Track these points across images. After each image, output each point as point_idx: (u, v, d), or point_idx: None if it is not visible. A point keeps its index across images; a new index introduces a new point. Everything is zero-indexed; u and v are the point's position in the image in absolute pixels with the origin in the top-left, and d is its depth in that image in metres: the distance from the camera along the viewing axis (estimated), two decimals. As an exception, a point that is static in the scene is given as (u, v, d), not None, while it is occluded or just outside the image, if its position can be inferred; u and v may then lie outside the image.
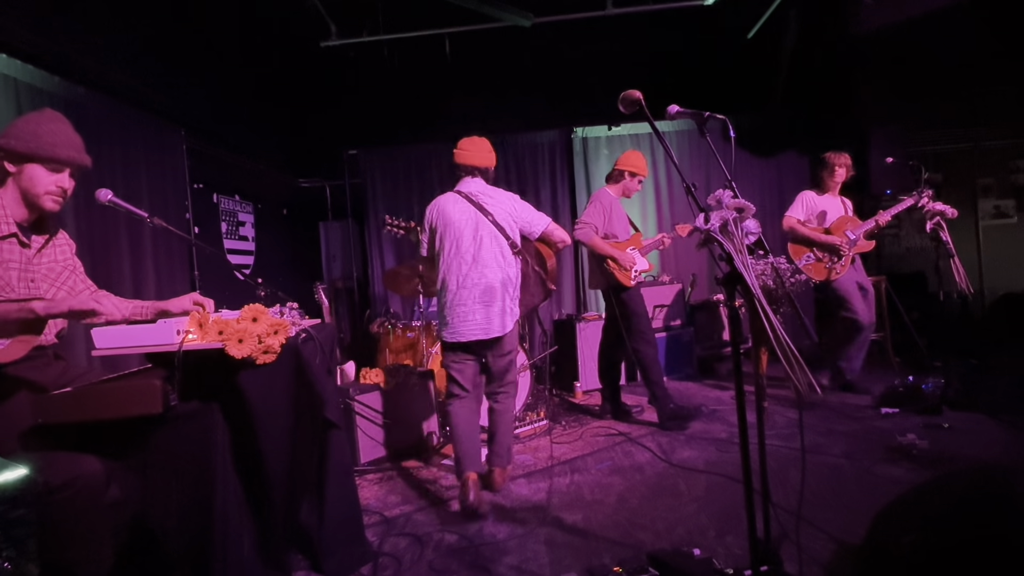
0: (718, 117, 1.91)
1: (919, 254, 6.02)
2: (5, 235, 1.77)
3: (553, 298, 6.05)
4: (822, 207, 4.22)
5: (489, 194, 2.88)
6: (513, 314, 2.82)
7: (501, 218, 2.82)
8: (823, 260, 4.09)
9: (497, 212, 2.82)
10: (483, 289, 2.74)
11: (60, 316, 1.69)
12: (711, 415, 3.93)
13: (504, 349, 2.84)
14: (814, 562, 1.99)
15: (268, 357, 1.75)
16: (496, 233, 2.80)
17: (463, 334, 2.76)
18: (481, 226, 2.79)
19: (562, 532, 2.42)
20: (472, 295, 2.74)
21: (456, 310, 2.76)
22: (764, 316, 1.63)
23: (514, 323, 2.83)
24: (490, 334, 2.76)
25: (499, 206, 2.85)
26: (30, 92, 3.02)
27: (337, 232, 6.49)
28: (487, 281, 2.74)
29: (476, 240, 2.77)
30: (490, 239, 2.79)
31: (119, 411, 1.57)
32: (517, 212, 2.91)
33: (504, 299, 2.77)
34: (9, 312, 1.63)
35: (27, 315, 1.63)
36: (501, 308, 2.76)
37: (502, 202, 2.87)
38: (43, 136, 1.78)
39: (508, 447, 2.91)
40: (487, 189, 2.90)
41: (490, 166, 2.96)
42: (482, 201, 2.82)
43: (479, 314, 2.74)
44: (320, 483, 2.12)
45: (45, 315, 1.65)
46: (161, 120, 4.07)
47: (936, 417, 3.44)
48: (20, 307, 1.63)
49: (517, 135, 6.10)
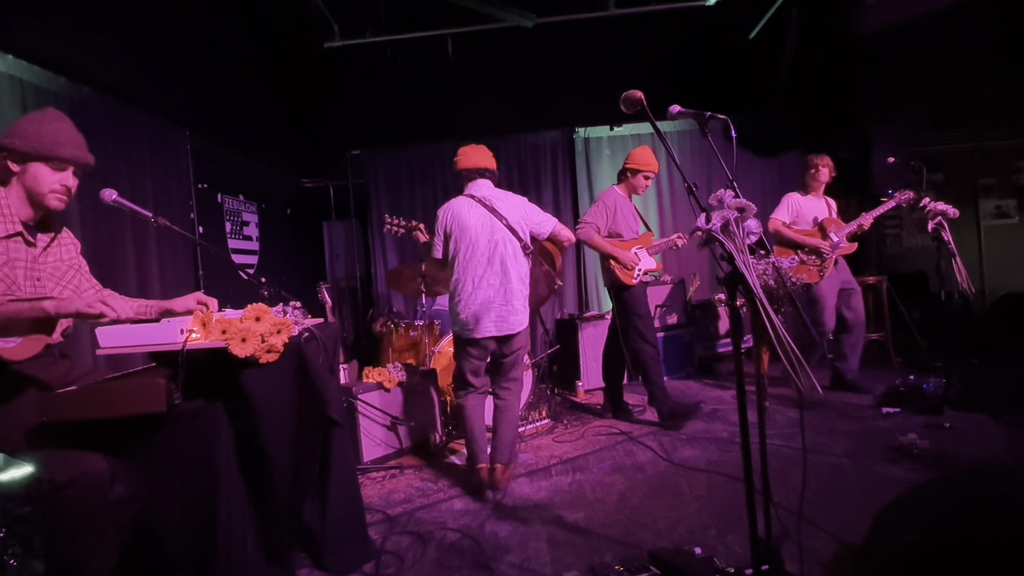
0: (720, 117, 1.92)
1: (920, 254, 6.02)
2: (11, 234, 1.78)
3: (555, 297, 6.06)
4: (807, 208, 4.24)
5: (501, 198, 2.99)
6: (526, 312, 2.96)
7: (514, 221, 2.95)
8: (808, 262, 4.11)
9: (511, 216, 2.94)
10: (497, 289, 2.88)
11: (70, 316, 1.71)
12: (712, 415, 3.94)
13: (515, 345, 2.96)
14: (815, 561, 2.00)
15: (271, 356, 1.76)
16: (510, 236, 2.93)
17: (478, 331, 2.88)
18: (496, 230, 2.91)
19: (564, 531, 2.43)
20: (487, 295, 2.88)
21: (472, 309, 2.88)
22: (765, 316, 1.63)
23: (526, 322, 2.97)
24: (503, 331, 2.89)
25: (512, 210, 2.97)
26: (35, 92, 3.03)
27: (340, 232, 6.51)
28: (501, 281, 2.89)
29: (491, 243, 2.90)
30: (504, 242, 2.91)
31: (123, 409, 1.58)
32: (528, 215, 3.03)
33: (519, 298, 2.92)
34: (21, 311, 1.65)
35: (38, 314, 1.66)
36: (515, 307, 2.90)
37: (515, 206, 3.00)
38: (46, 135, 1.80)
39: (511, 444, 2.96)
40: (498, 193, 3.01)
41: (495, 168, 3.08)
42: (495, 205, 2.93)
43: (494, 312, 2.87)
44: (323, 481, 2.14)
45: (56, 314, 1.67)
46: (165, 120, 4.09)
47: (937, 417, 3.44)
48: (32, 306, 1.65)
49: (519, 135, 6.11)
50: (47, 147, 1.79)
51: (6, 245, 1.77)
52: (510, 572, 2.13)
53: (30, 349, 1.72)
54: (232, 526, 1.74)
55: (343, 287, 6.40)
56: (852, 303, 4.15)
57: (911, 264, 6.04)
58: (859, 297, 4.18)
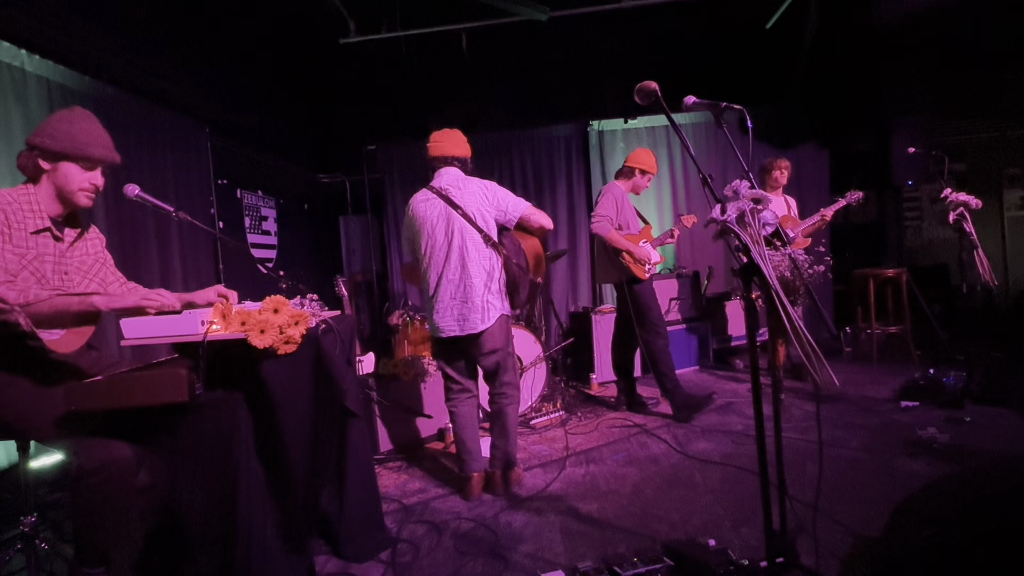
0: (735, 107, 1.90)
1: (941, 246, 5.91)
2: (40, 229, 1.83)
3: (569, 291, 6.06)
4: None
5: (458, 186, 2.73)
6: (496, 309, 2.72)
7: (471, 210, 2.69)
8: None
9: (466, 204, 2.70)
10: (457, 285, 2.70)
11: (126, 312, 1.77)
12: (727, 408, 3.92)
13: (486, 347, 2.73)
14: (831, 554, 1.98)
15: (289, 347, 1.79)
16: (467, 227, 2.69)
17: (443, 330, 2.75)
18: (452, 221, 2.70)
19: (577, 521, 2.44)
20: (448, 291, 2.72)
21: (436, 307, 2.75)
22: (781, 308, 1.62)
23: (497, 319, 2.72)
24: (466, 330, 2.70)
25: (468, 197, 2.71)
26: (62, 92, 3.11)
27: (357, 226, 6.57)
28: (461, 277, 2.69)
29: (448, 236, 2.70)
30: (461, 234, 2.69)
31: (147, 399, 1.62)
32: (489, 201, 2.74)
33: (482, 295, 2.69)
34: (71, 305, 1.71)
35: (87, 308, 1.72)
36: (475, 304, 2.68)
37: (471, 192, 2.72)
38: (77, 135, 1.84)
39: (508, 453, 2.81)
40: (457, 181, 2.76)
41: (466, 155, 2.84)
42: (451, 195, 2.71)
43: (456, 310, 2.71)
44: (340, 470, 2.17)
45: (108, 310, 1.74)
46: (186, 118, 4.16)
47: (958, 411, 3.39)
48: (81, 300, 1.71)
49: (533, 129, 6.10)
50: (78, 147, 1.84)
51: (35, 240, 1.83)
52: (524, 562, 2.15)
53: (75, 343, 1.79)
54: (252, 513, 1.77)
55: (359, 281, 6.46)
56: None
57: (932, 257, 5.94)
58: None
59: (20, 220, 1.80)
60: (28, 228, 1.81)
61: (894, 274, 4.80)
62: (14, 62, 2.88)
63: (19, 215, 1.80)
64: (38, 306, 1.65)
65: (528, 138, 6.10)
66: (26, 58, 2.94)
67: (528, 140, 6.10)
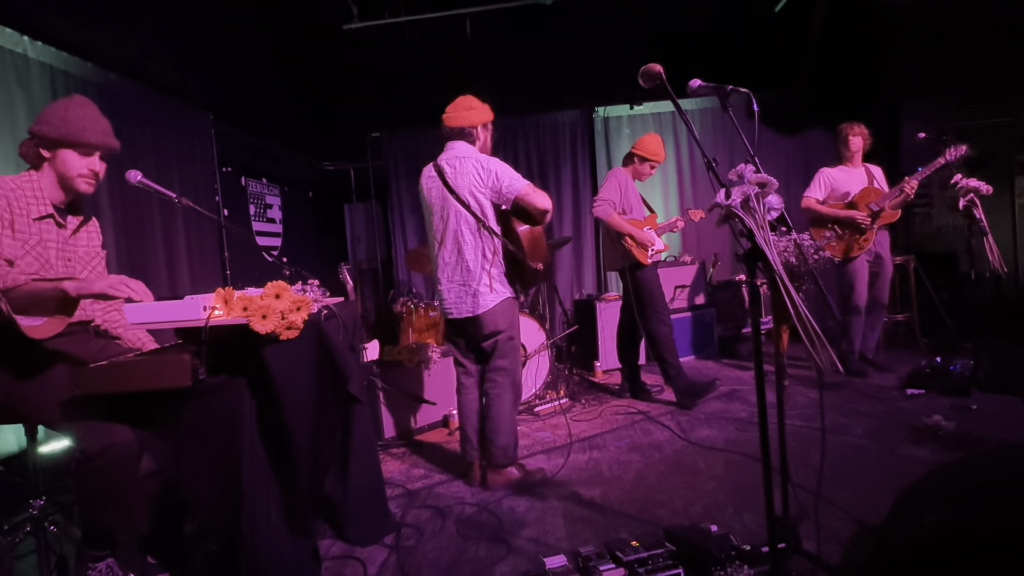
0: (741, 91, 1.87)
1: (950, 233, 5.84)
2: (43, 215, 1.85)
3: (574, 278, 6.05)
4: (841, 181, 4.10)
5: (454, 165, 2.64)
6: (494, 292, 2.63)
7: (464, 192, 2.60)
8: (843, 236, 4.00)
9: (459, 185, 2.60)
10: (454, 268, 2.66)
11: (92, 297, 1.74)
12: (731, 395, 3.92)
13: (484, 330, 2.66)
14: (833, 540, 1.98)
15: (291, 333, 1.79)
16: (461, 209, 2.60)
17: (448, 311, 2.74)
18: (448, 203, 2.63)
19: (580, 507, 2.46)
20: (444, 274, 2.70)
21: (438, 289, 2.76)
22: (786, 293, 1.61)
23: (498, 302, 2.64)
24: (462, 313, 2.66)
25: (462, 178, 2.60)
26: (65, 79, 3.11)
27: (361, 214, 6.57)
28: (456, 260, 2.65)
29: (444, 218, 2.66)
30: (455, 216, 2.62)
31: (151, 384, 1.64)
32: (484, 182, 2.60)
33: (478, 277, 2.62)
34: (44, 290, 1.69)
35: (58, 294, 1.68)
36: (471, 288, 2.63)
37: (465, 172, 2.60)
38: (72, 121, 1.85)
39: (500, 447, 2.67)
40: (456, 159, 2.65)
41: (472, 124, 2.69)
42: (447, 175, 2.63)
43: (452, 293, 2.69)
44: (344, 455, 2.18)
45: (77, 295, 1.69)
46: (190, 105, 4.16)
47: (964, 399, 3.37)
48: (53, 286, 1.69)
49: (538, 115, 6.06)
50: (74, 133, 1.85)
51: (38, 226, 1.85)
52: (527, 546, 2.16)
53: (54, 328, 1.77)
54: (256, 497, 1.79)
55: (364, 268, 6.47)
56: (878, 282, 4.06)
57: (941, 244, 5.86)
58: (887, 275, 4.08)
59: (23, 207, 1.81)
60: (31, 214, 1.83)
61: (902, 261, 4.75)
62: (16, 48, 2.88)
63: (22, 201, 1.81)
64: (15, 291, 1.63)
65: (533, 124, 6.06)
66: (28, 44, 2.93)
67: (533, 126, 6.06)
